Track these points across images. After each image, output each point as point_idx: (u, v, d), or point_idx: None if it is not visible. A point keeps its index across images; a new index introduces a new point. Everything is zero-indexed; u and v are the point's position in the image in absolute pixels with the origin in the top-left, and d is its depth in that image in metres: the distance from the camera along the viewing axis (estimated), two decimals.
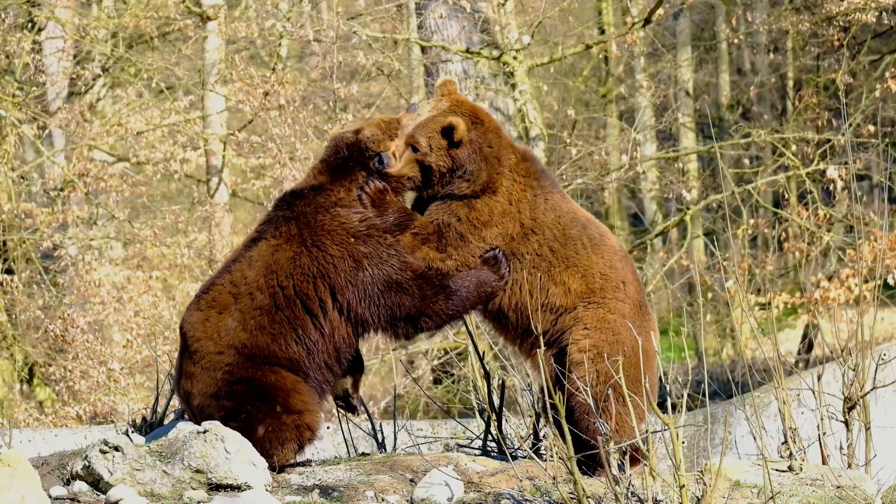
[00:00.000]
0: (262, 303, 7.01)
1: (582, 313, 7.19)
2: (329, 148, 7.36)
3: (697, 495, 6.53)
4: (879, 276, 8.83)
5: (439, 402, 18.51)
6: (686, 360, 20.42)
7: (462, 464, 7.24)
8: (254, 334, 6.99)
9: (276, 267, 7.04)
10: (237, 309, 7.02)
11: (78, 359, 18.73)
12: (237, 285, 7.06)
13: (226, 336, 7.00)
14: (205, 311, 7.08)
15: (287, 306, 7.01)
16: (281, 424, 6.94)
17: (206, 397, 7.01)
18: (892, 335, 22.61)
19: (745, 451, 9.77)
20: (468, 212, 7.21)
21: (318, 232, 7.07)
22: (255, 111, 20.29)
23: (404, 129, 7.31)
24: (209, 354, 7.01)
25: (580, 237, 7.29)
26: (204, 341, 7.03)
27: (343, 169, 7.23)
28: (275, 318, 7.00)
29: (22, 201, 21.09)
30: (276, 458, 6.94)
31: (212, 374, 7.00)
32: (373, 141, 7.22)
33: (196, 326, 7.07)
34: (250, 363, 6.97)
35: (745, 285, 19.07)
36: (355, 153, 7.23)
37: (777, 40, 25.74)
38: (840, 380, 7.78)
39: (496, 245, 7.20)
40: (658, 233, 21.06)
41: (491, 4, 18.81)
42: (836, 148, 19.64)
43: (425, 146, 7.20)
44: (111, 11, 22.40)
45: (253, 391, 6.95)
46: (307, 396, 7.04)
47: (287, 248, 7.07)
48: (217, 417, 6.94)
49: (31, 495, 6.09)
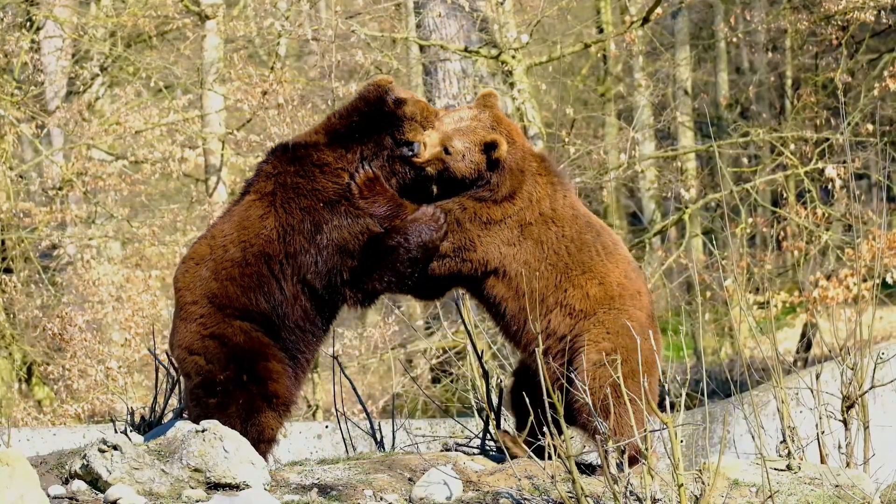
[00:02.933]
0: (234, 255, 7.03)
1: (603, 317, 7.23)
2: (353, 104, 7.23)
3: (696, 494, 6.53)
4: (878, 275, 8.83)
5: (438, 401, 18.51)
6: (685, 359, 20.43)
7: (461, 463, 7.24)
8: (224, 284, 7.01)
9: (247, 223, 7.06)
10: (211, 259, 7.05)
11: (76, 358, 18.73)
12: (215, 237, 7.11)
13: (200, 286, 7.04)
14: (186, 263, 7.17)
15: (255, 263, 7.02)
16: (251, 397, 6.98)
17: (182, 349, 7.08)
18: (890, 334, 22.62)
19: (744, 449, 9.78)
20: (478, 208, 7.24)
21: (289, 193, 7.05)
22: (254, 110, 20.29)
23: (442, 125, 7.27)
24: (186, 305, 7.08)
25: (594, 244, 7.36)
26: (183, 291, 7.11)
27: (349, 134, 7.14)
28: (244, 272, 7.02)
29: (20, 200, 21.08)
30: (251, 433, 6.96)
31: (188, 325, 7.06)
32: (412, 122, 7.15)
33: (178, 278, 7.16)
34: (222, 315, 7.00)
35: (743, 284, 19.06)
36: (384, 121, 7.13)
37: (776, 39, 25.73)
38: (838, 379, 7.78)
39: (503, 239, 7.23)
40: (657, 232, 21.06)
41: (489, 3, 18.80)
42: (835, 147, 19.65)
43: (460, 153, 7.20)
44: (110, 10, 22.38)
45: (221, 350, 6.98)
46: (275, 363, 7.05)
47: (259, 205, 7.07)
48: (192, 379, 7.01)
49: (30, 494, 6.09)
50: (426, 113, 7.22)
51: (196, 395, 7.07)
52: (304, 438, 11.84)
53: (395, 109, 7.13)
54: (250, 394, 7.00)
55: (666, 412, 6.37)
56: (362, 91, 7.22)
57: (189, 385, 7.11)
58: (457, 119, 7.31)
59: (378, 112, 7.13)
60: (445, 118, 7.30)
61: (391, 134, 7.13)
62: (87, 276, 20.26)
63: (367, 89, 7.20)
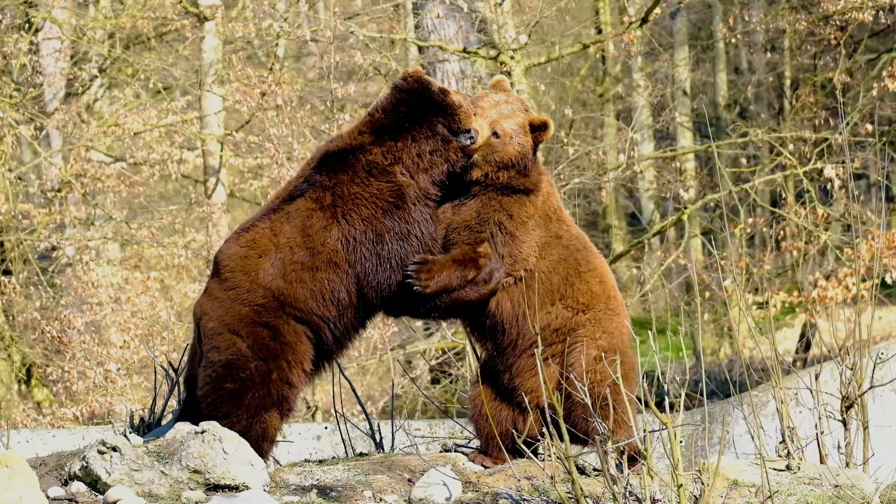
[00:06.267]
0: (303, 259, 7.09)
1: (600, 316, 7.23)
2: (395, 97, 7.20)
3: (695, 494, 6.53)
4: (877, 275, 8.83)
5: (437, 402, 18.50)
6: (684, 360, 20.43)
7: (460, 463, 7.24)
8: (294, 286, 7.06)
9: (311, 231, 7.10)
10: (278, 258, 7.09)
11: (75, 359, 18.73)
12: (277, 235, 7.14)
13: (263, 278, 7.07)
14: (245, 249, 7.16)
15: (324, 269, 7.08)
16: (267, 395, 7.02)
17: (222, 324, 7.06)
18: (889, 334, 22.62)
19: (743, 450, 9.78)
20: (517, 207, 7.23)
21: (349, 205, 7.10)
22: (253, 111, 20.29)
23: (483, 110, 7.22)
24: (239, 288, 7.08)
25: (592, 246, 7.43)
26: (238, 274, 7.11)
27: (399, 126, 7.14)
28: (315, 277, 7.09)
29: (19, 202, 21.09)
30: (256, 429, 6.99)
31: (238, 306, 7.06)
32: (465, 113, 7.13)
33: (233, 258, 7.15)
34: (282, 311, 7.05)
35: (742, 284, 19.06)
36: (433, 109, 7.11)
37: (774, 39, 25.76)
38: (838, 379, 7.78)
39: (537, 239, 7.22)
40: (656, 232, 21.05)
41: (488, 4, 18.80)
42: (834, 147, 19.65)
43: (508, 135, 7.17)
44: (108, 12, 22.39)
45: (268, 342, 7.03)
46: (303, 374, 7.13)
47: (321, 215, 7.12)
48: (219, 353, 7.01)
49: (29, 496, 6.09)
50: (466, 100, 7.22)
51: (215, 375, 7.05)
52: (303, 439, 11.84)
53: (444, 98, 7.11)
54: (268, 391, 7.01)
55: (665, 412, 6.37)
56: (401, 84, 7.17)
57: (212, 358, 7.08)
58: (493, 103, 7.27)
59: (425, 100, 7.12)
60: (480, 103, 7.27)
61: (443, 122, 7.12)
62: (86, 277, 20.26)
63: (406, 81, 7.16)
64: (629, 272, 24.69)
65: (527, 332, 7.20)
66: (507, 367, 7.30)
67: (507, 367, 7.29)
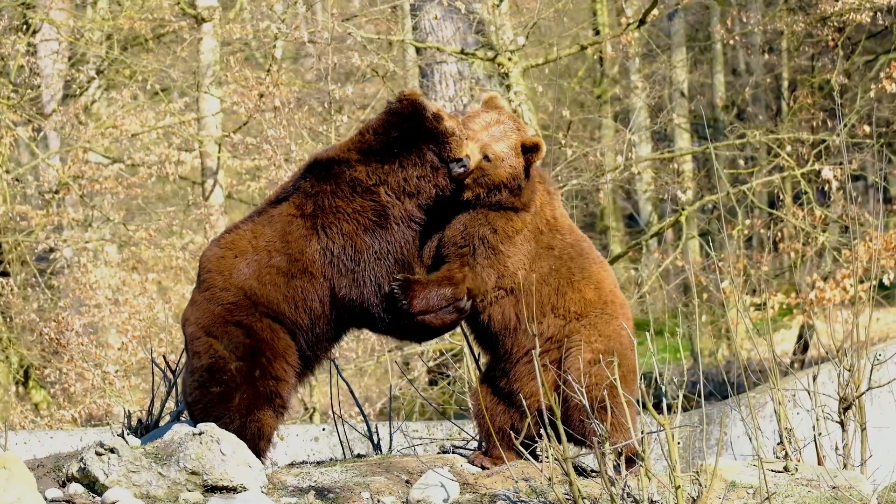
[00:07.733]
0: (279, 264, 7.10)
1: (596, 321, 7.21)
2: (387, 120, 7.16)
3: (693, 496, 6.53)
4: (875, 277, 8.81)
5: (435, 403, 18.50)
6: (682, 361, 20.41)
7: (458, 465, 7.25)
8: (267, 288, 7.08)
9: (290, 238, 7.12)
10: (254, 260, 7.10)
11: (73, 361, 18.72)
12: (257, 237, 7.16)
13: (236, 277, 7.09)
14: (223, 250, 7.20)
15: (300, 277, 7.08)
16: (255, 393, 7.02)
17: (199, 327, 7.11)
18: (887, 335, 22.62)
19: (741, 451, 9.79)
20: (504, 223, 7.18)
21: (329, 218, 7.09)
22: (250, 113, 20.27)
23: (474, 133, 7.15)
24: (214, 288, 7.12)
25: (590, 252, 7.39)
26: (214, 274, 7.15)
27: (387, 150, 7.09)
28: (290, 283, 7.09)
29: (17, 203, 21.08)
30: (250, 429, 6.99)
31: (212, 306, 7.09)
32: (457, 142, 7.08)
33: (211, 260, 7.20)
34: (254, 310, 7.06)
35: (740, 286, 19.06)
36: (424, 136, 7.06)
37: (772, 41, 25.76)
38: (836, 380, 7.78)
39: (526, 252, 7.20)
40: (653, 233, 21.05)
41: (486, 5, 18.80)
42: (832, 148, 19.64)
43: (500, 158, 7.08)
44: (106, 13, 22.37)
45: (243, 340, 7.04)
46: (288, 366, 7.12)
47: (301, 223, 7.12)
48: (200, 359, 7.03)
49: (27, 497, 6.09)
50: (460, 125, 7.15)
51: (201, 380, 7.07)
52: (301, 441, 11.84)
53: (437, 126, 7.05)
54: (256, 390, 7.02)
55: (663, 414, 6.37)
56: (395, 106, 7.11)
57: (195, 364, 7.11)
58: (484, 124, 7.20)
59: (417, 126, 7.06)
60: (471, 125, 7.20)
61: (434, 151, 7.06)
62: (84, 279, 20.25)
63: (400, 105, 7.10)
64: (627, 274, 24.67)
65: (521, 342, 7.21)
66: (505, 373, 7.31)
67: (505, 373, 7.31)
